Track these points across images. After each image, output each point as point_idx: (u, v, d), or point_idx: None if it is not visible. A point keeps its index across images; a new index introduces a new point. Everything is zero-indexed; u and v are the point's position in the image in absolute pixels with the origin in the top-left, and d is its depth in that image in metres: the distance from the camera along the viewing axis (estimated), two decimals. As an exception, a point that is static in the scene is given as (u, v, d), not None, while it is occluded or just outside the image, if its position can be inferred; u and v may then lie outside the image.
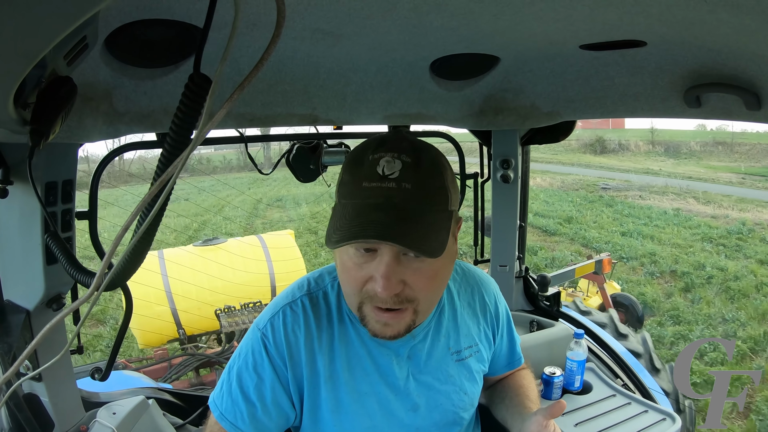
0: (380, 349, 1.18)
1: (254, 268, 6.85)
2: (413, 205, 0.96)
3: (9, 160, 1.31)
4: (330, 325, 1.17)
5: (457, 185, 1.07)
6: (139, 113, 1.36)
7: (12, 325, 1.43)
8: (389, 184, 0.95)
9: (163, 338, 6.39)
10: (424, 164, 0.98)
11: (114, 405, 1.68)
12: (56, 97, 0.85)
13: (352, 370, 1.16)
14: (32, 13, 0.45)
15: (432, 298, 1.08)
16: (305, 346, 1.14)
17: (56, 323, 0.70)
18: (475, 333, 1.31)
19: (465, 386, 1.28)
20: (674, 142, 31.23)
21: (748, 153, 28.74)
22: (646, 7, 0.99)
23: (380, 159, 0.97)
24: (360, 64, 1.56)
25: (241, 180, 24.85)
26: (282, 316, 1.16)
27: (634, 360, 2.91)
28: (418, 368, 1.21)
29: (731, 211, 15.47)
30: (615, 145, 32.59)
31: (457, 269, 1.35)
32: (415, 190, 0.96)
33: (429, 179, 0.98)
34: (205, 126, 0.62)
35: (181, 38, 1.12)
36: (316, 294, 1.20)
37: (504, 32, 1.25)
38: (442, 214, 1.00)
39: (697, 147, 30.76)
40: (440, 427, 1.26)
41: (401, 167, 0.96)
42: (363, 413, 1.17)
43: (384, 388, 1.18)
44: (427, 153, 1.01)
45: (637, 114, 1.67)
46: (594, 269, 6.79)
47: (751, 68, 1.22)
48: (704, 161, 27.94)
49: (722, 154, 29.33)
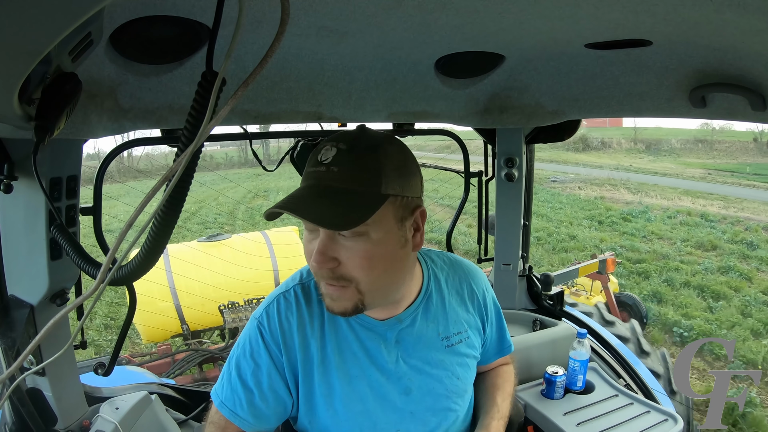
0: (367, 333, 1.22)
1: (258, 265, 6.87)
2: (335, 183, 1.03)
3: (14, 156, 1.32)
4: (321, 311, 1.21)
5: (403, 173, 1.09)
6: (144, 109, 1.36)
7: (16, 320, 1.44)
8: (321, 168, 1.04)
9: (166, 334, 6.41)
10: (357, 150, 1.04)
11: (117, 400, 1.68)
12: (61, 93, 0.85)
13: (342, 354, 1.20)
14: (37, 10, 0.45)
15: (373, 280, 1.09)
16: (298, 332, 1.19)
17: (60, 318, 0.70)
18: (464, 319, 1.34)
19: (457, 371, 1.30)
20: (656, 140, 32.78)
21: (726, 150, 30.49)
22: (652, 7, 0.99)
23: (322, 148, 1.07)
24: (365, 62, 1.56)
25: (239, 175, 26.67)
26: (276, 304, 1.22)
27: (637, 360, 2.91)
28: (407, 352, 1.24)
29: (655, 200, 18.38)
30: (597, 142, 33.47)
31: (444, 259, 1.39)
32: (341, 172, 1.02)
33: (358, 162, 1.04)
34: (209, 122, 0.62)
35: (185, 35, 1.12)
36: (308, 283, 1.25)
37: (509, 30, 1.24)
38: (368, 195, 1.03)
39: (677, 144, 32.44)
40: (435, 412, 1.27)
41: (335, 153, 1.04)
42: (355, 397, 1.20)
43: (374, 372, 1.21)
44: (365, 140, 1.07)
45: (642, 114, 1.66)
46: (597, 268, 6.77)
47: (756, 69, 1.22)
48: (682, 158, 29.53)
49: (701, 151, 31.11)
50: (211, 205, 18.56)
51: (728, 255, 12.17)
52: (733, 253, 12.36)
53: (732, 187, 20.93)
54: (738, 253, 12.33)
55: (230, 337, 6.34)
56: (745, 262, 11.73)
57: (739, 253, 12.33)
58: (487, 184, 2.62)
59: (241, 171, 28.67)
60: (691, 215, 16.11)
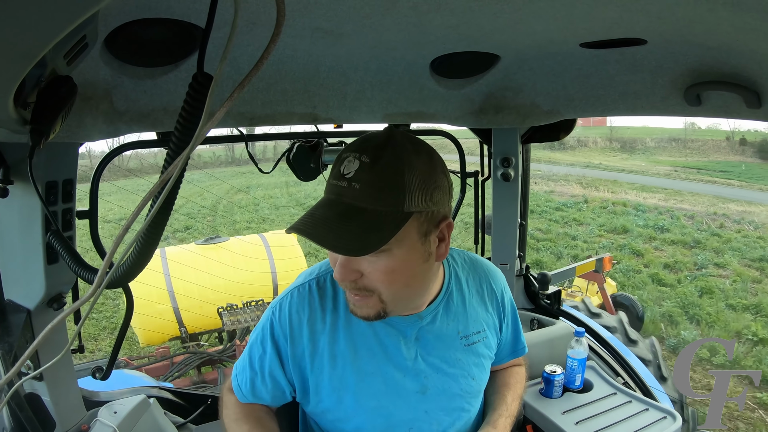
0: (387, 330, 1.22)
1: (256, 267, 6.87)
2: (357, 202, 0.99)
3: (9, 160, 1.31)
4: (335, 306, 1.23)
5: (428, 186, 1.04)
6: (139, 112, 1.36)
7: (13, 325, 1.43)
8: (343, 183, 1.01)
9: (164, 337, 6.40)
10: (380, 164, 0.99)
11: (115, 404, 1.68)
12: (56, 96, 0.85)
13: (357, 351, 1.21)
14: (32, 13, 0.45)
15: (395, 292, 1.09)
16: (308, 326, 1.22)
17: (58, 323, 0.70)
18: (483, 319, 1.34)
19: (473, 371, 1.30)
20: (631, 139, 33.66)
21: (699, 149, 31.47)
22: (646, 5, 0.99)
23: (345, 159, 1.02)
24: (360, 63, 1.56)
25: (225, 173, 27.78)
26: (290, 297, 1.26)
27: (635, 358, 2.92)
28: (426, 350, 1.24)
29: (601, 193, 19.43)
30: (574, 141, 34.09)
31: (465, 258, 1.39)
32: (362, 190, 0.99)
33: (381, 179, 0.99)
34: (205, 125, 0.62)
35: (180, 37, 1.12)
36: (324, 278, 1.27)
37: (504, 30, 1.25)
38: (391, 215, 1.00)
39: (652, 143, 33.35)
40: (448, 412, 1.28)
41: (357, 167, 0.99)
42: (368, 393, 1.21)
43: (391, 369, 1.22)
44: (392, 152, 1.01)
45: (637, 112, 1.67)
46: (594, 267, 6.77)
47: (751, 66, 1.22)
48: (655, 156, 30.40)
49: (674, 149, 32.00)
50: (196, 200, 19.08)
51: (635, 237, 13.68)
52: (641, 235, 13.80)
53: (691, 183, 21.99)
54: (645, 236, 13.73)
55: (228, 340, 6.33)
56: (649, 243, 13.26)
57: (646, 236, 13.74)
58: (483, 184, 2.63)
59: (227, 170, 29.78)
60: (626, 206, 17.26)
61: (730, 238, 13.27)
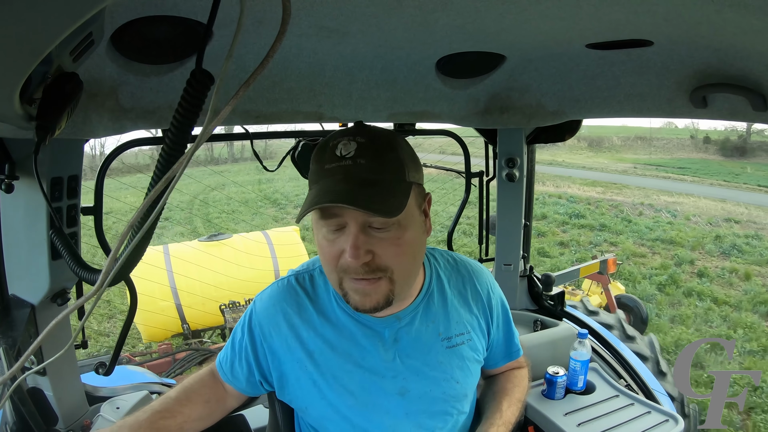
0: (364, 331, 1.23)
1: (259, 264, 6.88)
2: (369, 175, 1.04)
3: (15, 156, 1.32)
4: (313, 304, 1.26)
5: (416, 161, 1.15)
6: (145, 109, 1.36)
7: (17, 320, 1.44)
8: (346, 162, 1.04)
9: (167, 333, 6.43)
10: (377, 142, 1.07)
11: (117, 400, 1.69)
12: (62, 93, 0.85)
13: (335, 349, 1.22)
14: (38, 10, 0.45)
15: (406, 268, 1.12)
16: (285, 321, 1.25)
17: (62, 319, 0.70)
18: (467, 320, 1.32)
19: (456, 375, 1.28)
20: (597, 137, 34.23)
21: (664, 147, 32.39)
22: (653, 7, 0.99)
23: (338, 143, 1.07)
24: (365, 62, 1.56)
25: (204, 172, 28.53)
26: (269, 291, 1.31)
27: (638, 360, 2.91)
28: (405, 352, 1.23)
29: (543, 188, 19.83)
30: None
31: (448, 259, 1.38)
32: (370, 162, 1.04)
33: (383, 153, 1.06)
34: (210, 122, 0.62)
35: (186, 35, 1.12)
36: (303, 276, 1.31)
37: (510, 30, 1.24)
38: (399, 183, 1.07)
39: (618, 141, 34.17)
40: (431, 415, 1.25)
41: (356, 147, 1.05)
42: (345, 391, 1.22)
43: (366, 370, 1.22)
44: (381, 133, 1.10)
45: (643, 114, 1.66)
46: (599, 269, 6.77)
47: (757, 69, 1.22)
48: (620, 154, 31.17)
49: (640, 148, 32.79)
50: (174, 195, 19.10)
51: (550, 222, 15.17)
52: (555, 221, 15.31)
53: (644, 178, 22.56)
54: (558, 221, 15.27)
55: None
56: (559, 227, 14.83)
57: (559, 221, 15.27)
58: (488, 184, 2.62)
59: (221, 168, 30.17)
60: (561, 198, 18.30)
61: (637, 223, 14.81)
